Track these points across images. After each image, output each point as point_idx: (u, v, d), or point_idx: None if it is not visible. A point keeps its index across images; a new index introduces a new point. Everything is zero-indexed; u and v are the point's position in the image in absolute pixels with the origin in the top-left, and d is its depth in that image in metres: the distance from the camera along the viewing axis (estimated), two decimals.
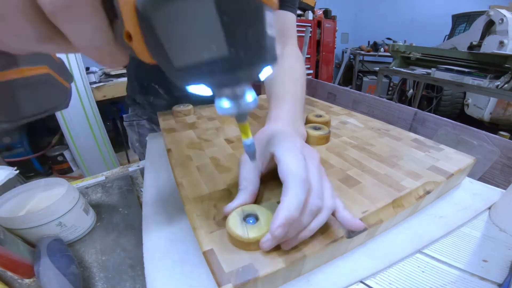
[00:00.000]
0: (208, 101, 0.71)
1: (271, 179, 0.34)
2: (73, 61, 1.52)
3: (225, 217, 0.26)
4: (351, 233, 0.25)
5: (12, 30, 0.14)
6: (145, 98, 0.67)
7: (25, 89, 0.24)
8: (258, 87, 0.79)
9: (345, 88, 1.06)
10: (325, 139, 0.43)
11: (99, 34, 0.14)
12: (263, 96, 0.72)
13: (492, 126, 2.12)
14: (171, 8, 0.12)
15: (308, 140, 0.42)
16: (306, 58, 2.42)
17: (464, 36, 2.49)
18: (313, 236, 0.24)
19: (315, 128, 0.44)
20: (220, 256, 0.23)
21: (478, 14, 2.45)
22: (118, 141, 1.95)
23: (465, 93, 2.39)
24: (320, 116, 0.49)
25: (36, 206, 0.36)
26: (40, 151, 1.73)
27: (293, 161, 0.25)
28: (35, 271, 0.30)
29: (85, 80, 1.56)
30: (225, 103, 0.17)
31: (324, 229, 0.25)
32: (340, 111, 0.58)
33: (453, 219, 0.32)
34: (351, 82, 3.89)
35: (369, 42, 3.88)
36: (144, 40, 0.14)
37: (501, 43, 1.94)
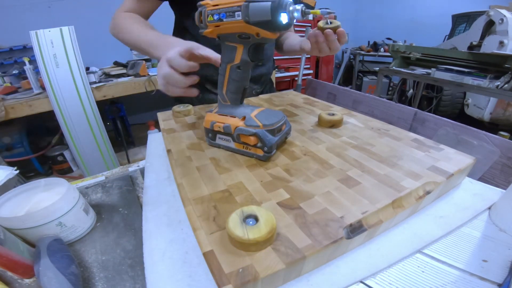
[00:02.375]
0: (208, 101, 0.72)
1: (271, 179, 0.34)
2: (73, 61, 1.52)
3: (225, 218, 0.26)
4: (350, 234, 0.25)
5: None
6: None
7: None
8: (271, 83, 0.90)
9: (345, 88, 1.06)
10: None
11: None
12: (262, 96, 0.72)
13: (492, 126, 2.12)
14: None
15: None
16: (306, 58, 2.42)
17: (464, 36, 2.48)
18: (313, 237, 0.25)
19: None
20: (220, 257, 0.23)
21: (478, 14, 2.45)
22: (118, 141, 1.95)
23: (465, 93, 2.39)
24: (333, 114, 0.51)
25: (36, 206, 0.36)
26: (40, 151, 1.73)
27: None
28: (35, 271, 0.30)
29: (85, 80, 1.56)
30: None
31: (324, 230, 0.25)
32: (340, 111, 0.58)
33: (453, 219, 0.32)
34: (351, 82, 3.88)
35: (369, 42, 3.87)
36: None
37: (501, 43, 1.94)
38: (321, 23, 0.52)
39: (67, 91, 1.52)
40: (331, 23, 0.51)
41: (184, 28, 0.68)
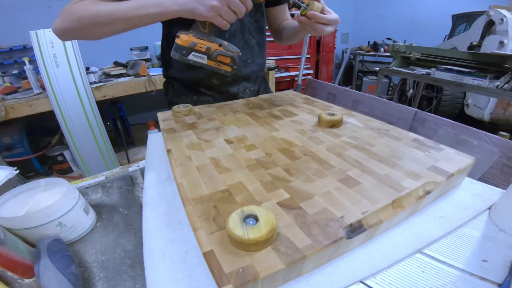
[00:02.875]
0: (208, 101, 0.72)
1: (271, 179, 0.34)
2: (73, 61, 1.52)
3: (225, 218, 0.26)
4: (350, 234, 0.25)
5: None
6: (188, 98, 0.73)
7: None
8: (265, 81, 0.87)
9: (345, 88, 1.06)
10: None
11: None
12: (262, 96, 0.72)
13: (492, 126, 2.12)
14: None
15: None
16: (306, 58, 2.42)
17: (464, 36, 2.48)
18: (313, 237, 0.25)
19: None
20: (220, 257, 0.23)
21: (478, 14, 2.45)
22: (118, 141, 1.95)
23: (465, 93, 2.39)
24: (333, 114, 0.51)
25: (36, 206, 0.36)
26: (40, 151, 1.73)
27: None
28: (35, 271, 0.30)
29: (85, 80, 1.56)
30: None
31: (324, 230, 0.25)
32: (340, 111, 0.58)
33: (453, 219, 0.32)
34: (351, 82, 3.89)
35: (369, 42, 3.87)
36: None
37: (501, 43, 1.94)
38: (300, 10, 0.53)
39: (67, 91, 1.52)
40: (307, 6, 0.51)
41: (173, 37, 0.66)
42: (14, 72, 1.71)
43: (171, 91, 0.76)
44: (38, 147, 1.75)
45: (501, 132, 1.84)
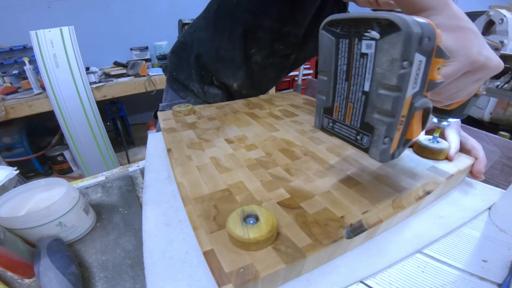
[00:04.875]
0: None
1: (271, 179, 0.34)
2: (73, 61, 1.52)
3: (225, 218, 0.26)
4: (351, 233, 0.25)
5: None
6: (200, 87, 0.70)
7: None
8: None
9: None
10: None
11: None
12: (262, 96, 0.72)
13: (492, 126, 2.12)
14: None
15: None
16: None
17: None
18: (313, 236, 0.25)
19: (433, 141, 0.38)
20: (220, 256, 0.23)
21: (478, 14, 2.44)
22: (118, 141, 1.95)
23: None
24: None
25: (36, 206, 0.36)
26: (40, 151, 1.73)
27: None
28: (35, 271, 0.30)
29: (85, 80, 1.56)
30: None
31: (324, 229, 0.25)
32: None
33: (453, 219, 0.32)
34: None
35: None
36: None
37: (501, 43, 1.94)
38: (422, 140, 0.39)
39: (67, 91, 1.52)
40: (437, 142, 0.38)
41: (260, 24, 0.57)
42: (14, 72, 1.71)
43: (185, 74, 0.69)
44: (38, 147, 1.75)
45: (501, 132, 1.85)
